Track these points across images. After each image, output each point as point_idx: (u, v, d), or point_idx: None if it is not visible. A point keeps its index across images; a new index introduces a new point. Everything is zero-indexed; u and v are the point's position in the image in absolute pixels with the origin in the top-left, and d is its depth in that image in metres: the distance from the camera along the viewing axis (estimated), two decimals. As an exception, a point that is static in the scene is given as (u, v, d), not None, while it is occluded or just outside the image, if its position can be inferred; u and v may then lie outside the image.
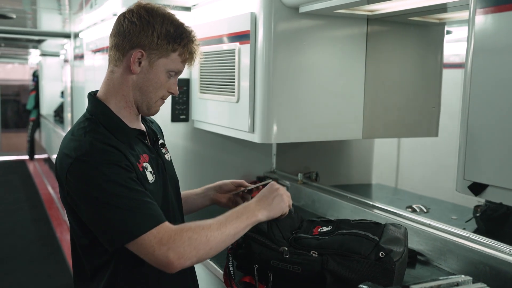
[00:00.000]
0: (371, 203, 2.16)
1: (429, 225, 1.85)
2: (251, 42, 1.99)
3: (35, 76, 8.95)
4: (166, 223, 1.17)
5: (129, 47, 1.27)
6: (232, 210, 1.30)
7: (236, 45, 2.08)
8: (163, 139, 1.52)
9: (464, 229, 1.92)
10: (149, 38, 1.25)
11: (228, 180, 1.60)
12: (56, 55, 7.48)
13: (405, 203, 2.53)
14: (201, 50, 1.35)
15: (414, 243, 1.86)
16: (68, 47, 5.27)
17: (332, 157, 2.97)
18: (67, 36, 4.95)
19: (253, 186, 1.60)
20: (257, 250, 1.43)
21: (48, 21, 5.29)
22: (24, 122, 9.98)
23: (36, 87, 8.78)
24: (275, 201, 1.36)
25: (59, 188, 1.25)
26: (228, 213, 1.27)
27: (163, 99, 1.35)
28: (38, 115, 8.77)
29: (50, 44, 6.84)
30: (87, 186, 1.16)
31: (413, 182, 3.20)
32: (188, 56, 1.31)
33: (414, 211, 2.37)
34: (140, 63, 1.27)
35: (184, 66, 1.34)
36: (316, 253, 1.38)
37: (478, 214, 2.18)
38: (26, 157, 9.63)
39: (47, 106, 8.09)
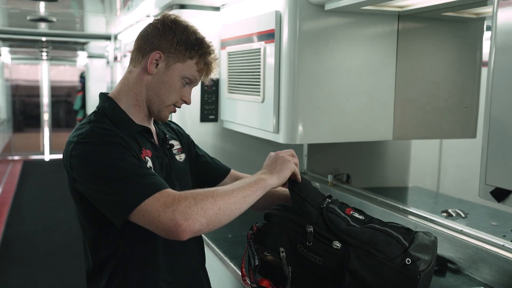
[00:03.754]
0: (401, 207, 2.08)
1: (460, 231, 1.75)
2: (276, 41, 1.95)
3: (82, 78, 9.27)
4: (169, 189, 1.15)
5: (149, 49, 1.32)
6: (239, 180, 1.26)
7: (261, 44, 2.05)
8: (181, 140, 1.52)
9: (504, 236, 1.80)
10: (169, 42, 1.31)
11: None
12: (101, 56, 7.72)
13: (442, 207, 2.42)
14: (217, 64, 1.38)
15: (444, 250, 1.77)
16: (109, 49, 5.42)
17: (366, 159, 2.89)
18: (108, 38, 5.09)
19: None
20: (283, 227, 1.33)
21: (92, 24, 5.47)
22: (74, 122, 10.35)
23: (83, 88, 9.10)
24: (279, 163, 1.30)
25: (67, 178, 1.27)
26: (235, 183, 1.24)
27: (175, 106, 1.37)
28: (85, 115, 9.08)
29: (95, 46, 7.06)
30: (88, 166, 1.18)
31: (455, 185, 3.06)
32: (203, 66, 1.34)
33: (449, 216, 2.26)
34: (157, 64, 1.31)
35: (199, 77, 1.37)
36: (339, 245, 1.31)
37: (518, 221, 2.06)
38: (74, 155, 10.01)
39: (93, 106, 8.28)
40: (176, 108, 1.38)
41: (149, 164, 1.30)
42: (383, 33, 2.04)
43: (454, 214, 2.26)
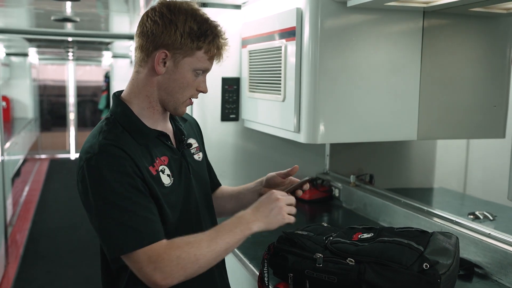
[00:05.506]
0: (426, 208, 2.03)
1: (488, 235, 1.69)
2: (297, 38, 1.92)
3: (107, 77, 9.39)
4: (160, 242, 1.16)
5: (152, 48, 1.23)
6: (226, 221, 1.24)
7: (282, 42, 2.02)
8: (198, 138, 1.49)
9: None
10: (172, 37, 1.21)
11: (274, 173, 1.50)
12: (125, 56, 7.77)
13: (468, 209, 2.35)
14: (228, 45, 1.29)
15: (471, 254, 1.71)
16: (132, 49, 5.45)
17: (390, 159, 2.83)
18: (131, 37, 5.11)
19: (292, 187, 1.51)
20: (291, 259, 1.38)
21: (116, 23, 5.50)
22: (99, 121, 10.50)
23: (108, 88, 9.22)
24: (272, 213, 1.25)
25: None
26: (221, 226, 1.23)
27: (192, 98, 1.31)
28: (109, 114, 9.19)
29: (119, 45, 7.09)
30: (91, 193, 1.17)
31: (483, 186, 2.97)
32: (214, 51, 1.26)
33: (476, 218, 2.18)
34: (164, 63, 1.24)
35: (211, 63, 1.29)
36: (353, 261, 1.30)
37: (550, 225, 1.97)
38: (99, 154, 10.15)
39: (117, 106, 8.43)
40: (193, 100, 1.33)
41: (167, 172, 1.27)
42: (407, 30, 1.98)
43: (481, 217, 2.18)
